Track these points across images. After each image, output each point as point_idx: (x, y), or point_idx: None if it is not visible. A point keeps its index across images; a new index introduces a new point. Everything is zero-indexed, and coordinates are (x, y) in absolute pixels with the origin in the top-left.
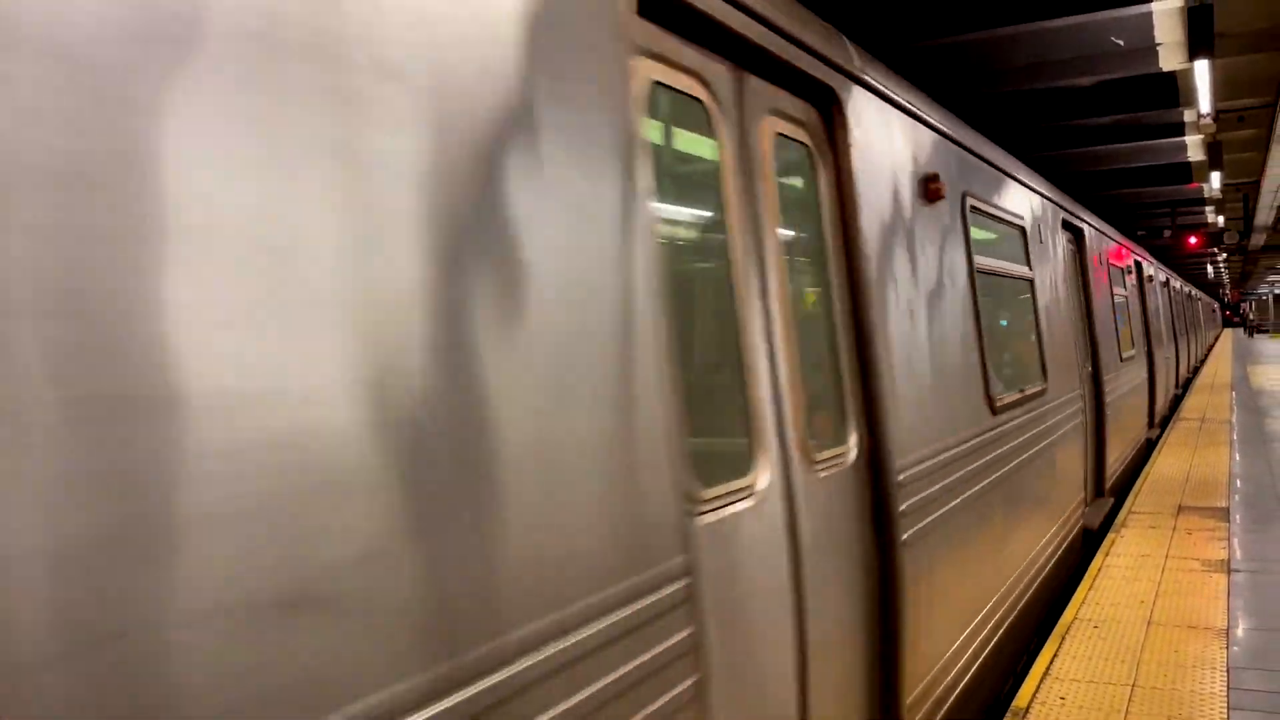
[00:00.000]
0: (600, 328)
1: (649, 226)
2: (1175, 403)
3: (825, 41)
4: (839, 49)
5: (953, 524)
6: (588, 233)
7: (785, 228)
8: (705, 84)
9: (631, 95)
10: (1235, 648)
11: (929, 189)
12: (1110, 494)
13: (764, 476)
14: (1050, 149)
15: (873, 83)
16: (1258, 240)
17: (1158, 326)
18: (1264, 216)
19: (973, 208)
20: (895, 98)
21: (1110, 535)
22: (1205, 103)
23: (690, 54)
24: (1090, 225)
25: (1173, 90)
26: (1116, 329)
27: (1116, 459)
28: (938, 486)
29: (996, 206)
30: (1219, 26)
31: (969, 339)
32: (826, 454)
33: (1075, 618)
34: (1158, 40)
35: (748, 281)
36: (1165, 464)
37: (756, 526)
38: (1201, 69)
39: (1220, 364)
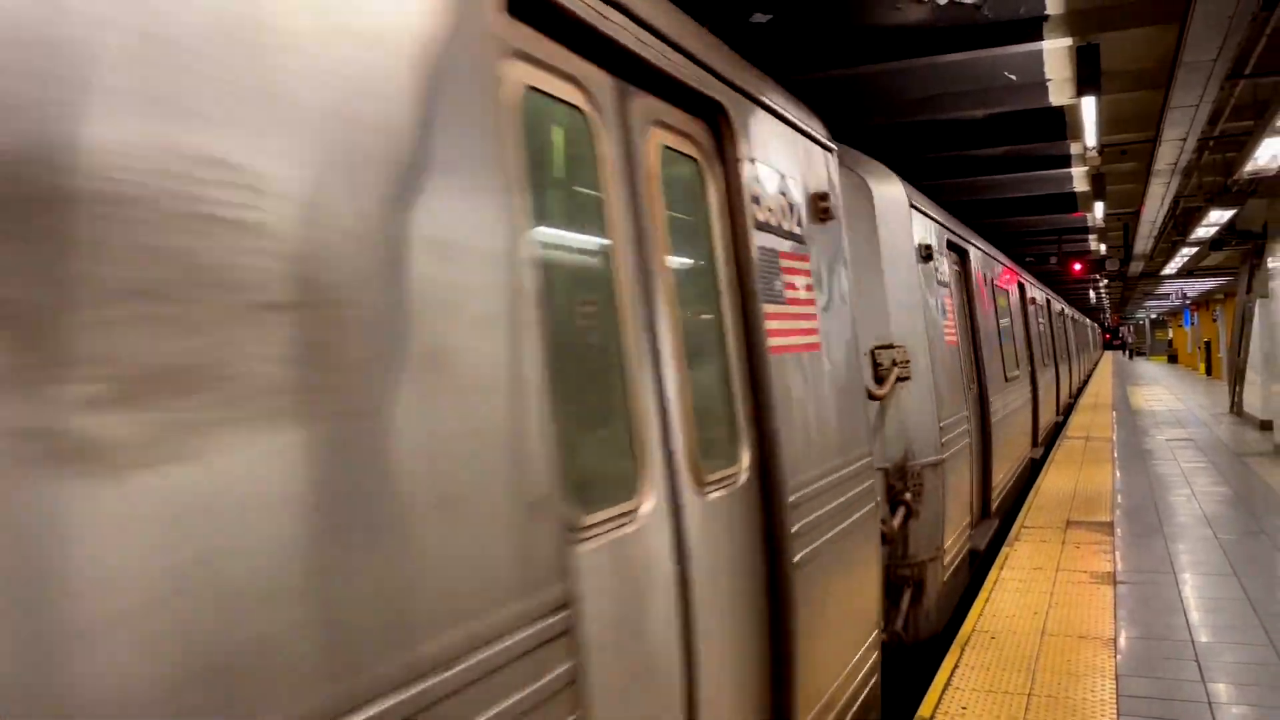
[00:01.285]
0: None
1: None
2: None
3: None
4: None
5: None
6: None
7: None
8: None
9: None
10: (1122, 656)
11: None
12: None
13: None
14: (944, 178)
15: None
16: (1136, 267)
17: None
18: (1142, 245)
19: None
20: None
21: (1004, 549)
22: (1091, 136)
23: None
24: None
25: (1060, 124)
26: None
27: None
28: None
29: None
30: (1105, 65)
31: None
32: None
33: (974, 629)
34: (1047, 76)
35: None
36: (1053, 480)
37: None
38: (1088, 105)
39: (1102, 384)
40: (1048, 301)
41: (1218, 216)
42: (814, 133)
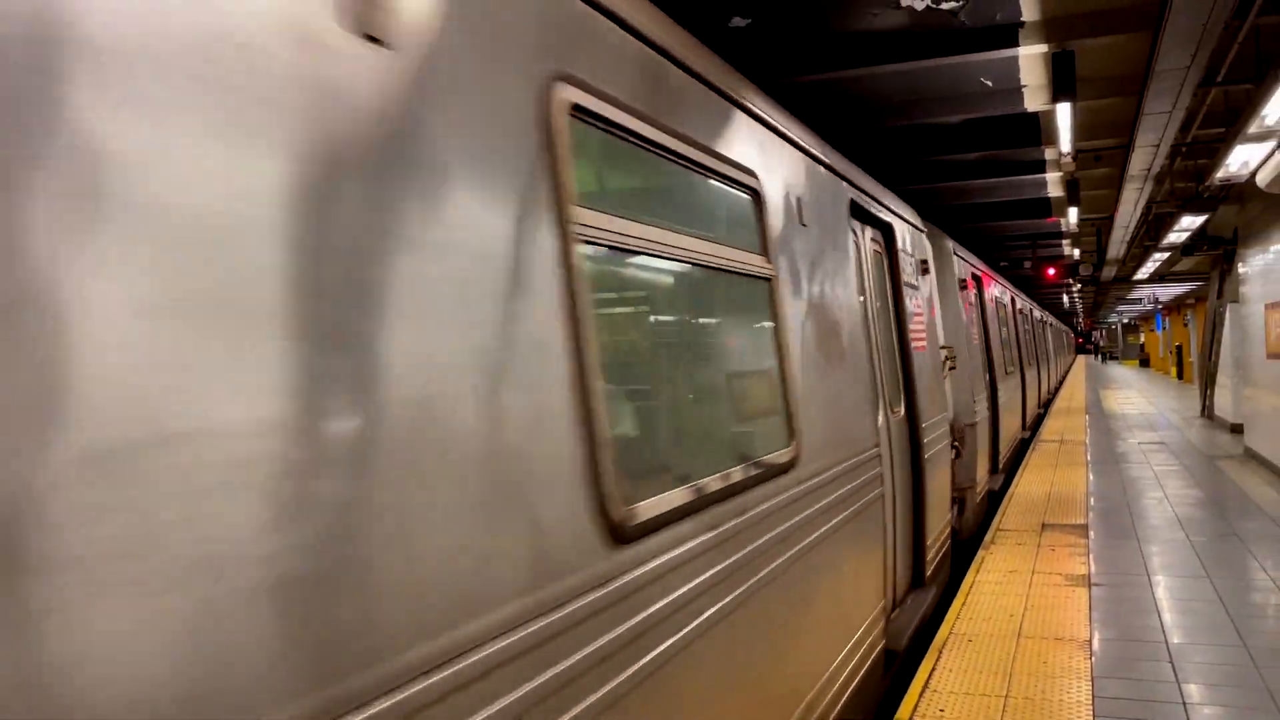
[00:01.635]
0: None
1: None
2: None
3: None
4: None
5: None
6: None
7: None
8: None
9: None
10: (1098, 658)
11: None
12: None
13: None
14: (922, 182)
15: None
16: (1109, 272)
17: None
18: (1115, 250)
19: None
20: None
21: (980, 552)
22: (1066, 142)
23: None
24: None
25: (1035, 130)
26: None
27: None
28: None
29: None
30: (1080, 72)
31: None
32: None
33: (951, 632)
34: (1023, 83)
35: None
36: (1029, 483)
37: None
38: (1063, 111)
39: (1075, 388)
40: (1030, 310)
41: (1189, 222)
42: (919, 225)
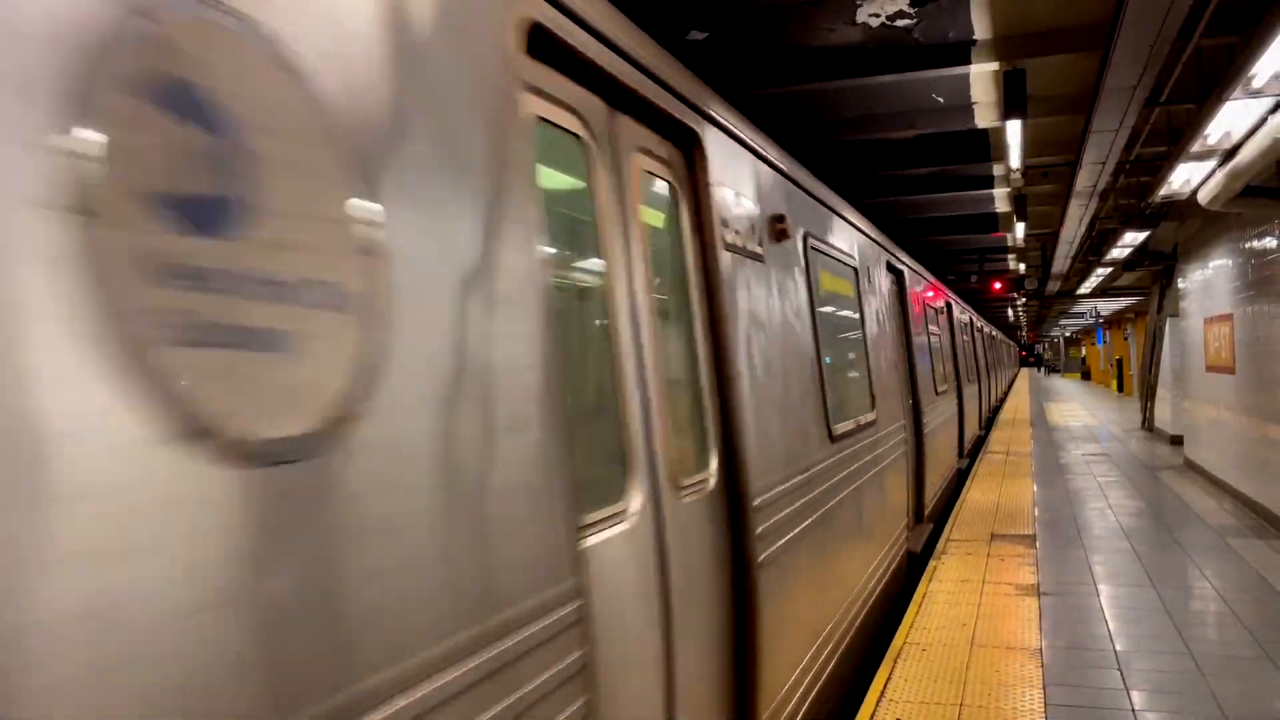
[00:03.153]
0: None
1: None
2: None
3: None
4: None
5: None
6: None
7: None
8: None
9: None
10: (1048, 666)
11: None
12: None
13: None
14: (875, 196)
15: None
16: (1053, 287)
17: None
18: (1059, 265)
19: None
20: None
21: (932, 562)
22: (1015, 159)
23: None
24: None
25: (985, 146)
26: None
27: None
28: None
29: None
30: (1030, 89)
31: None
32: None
33: (905, 641)
34: (974, 99)
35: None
36: (977, 494)
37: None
38: (1014, 128)
39: (1019, 400)
40: (991, 332)
41: (1132, 238)
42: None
